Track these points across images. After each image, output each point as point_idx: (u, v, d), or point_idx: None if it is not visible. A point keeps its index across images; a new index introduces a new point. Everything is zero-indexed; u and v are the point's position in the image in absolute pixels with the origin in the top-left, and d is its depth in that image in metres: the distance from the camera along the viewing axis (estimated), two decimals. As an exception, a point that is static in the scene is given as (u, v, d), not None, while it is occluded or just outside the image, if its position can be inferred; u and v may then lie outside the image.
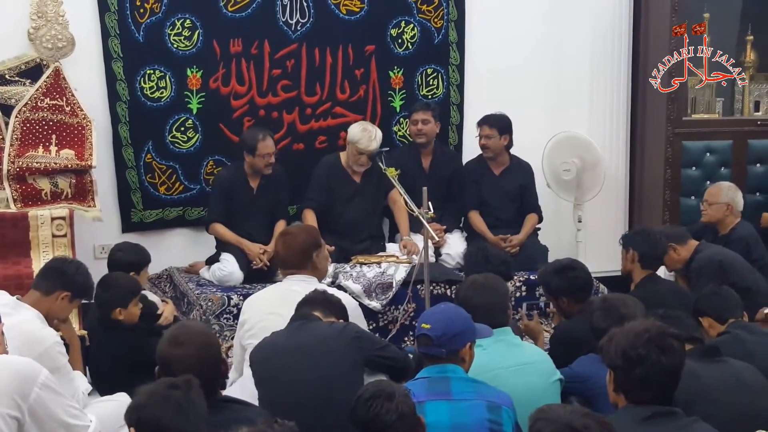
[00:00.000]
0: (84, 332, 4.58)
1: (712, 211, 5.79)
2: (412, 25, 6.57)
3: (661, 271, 5.24)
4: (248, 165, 5.80)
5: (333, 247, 5.60)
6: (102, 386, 4.17)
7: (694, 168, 6.83)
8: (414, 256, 5.73)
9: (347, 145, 5.97)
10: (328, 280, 5.38)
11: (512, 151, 6.33)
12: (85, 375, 4.22)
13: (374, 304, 5.49)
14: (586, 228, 6.76)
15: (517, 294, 5.79)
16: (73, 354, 4.12)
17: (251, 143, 5.73)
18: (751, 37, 6.75)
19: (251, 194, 5.87)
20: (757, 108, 7.13)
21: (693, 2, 6.65)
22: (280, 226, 5.86)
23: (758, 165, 6.92)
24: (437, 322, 3.23)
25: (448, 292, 5.59)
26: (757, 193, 6.82)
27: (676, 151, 6.76)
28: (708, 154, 6.83)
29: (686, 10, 6.60)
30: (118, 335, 4.27)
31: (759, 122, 6.97)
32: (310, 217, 5.90)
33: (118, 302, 4.27)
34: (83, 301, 4.38)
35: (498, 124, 6.17)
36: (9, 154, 5.26)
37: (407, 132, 6.52)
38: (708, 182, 6.57)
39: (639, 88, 7.04)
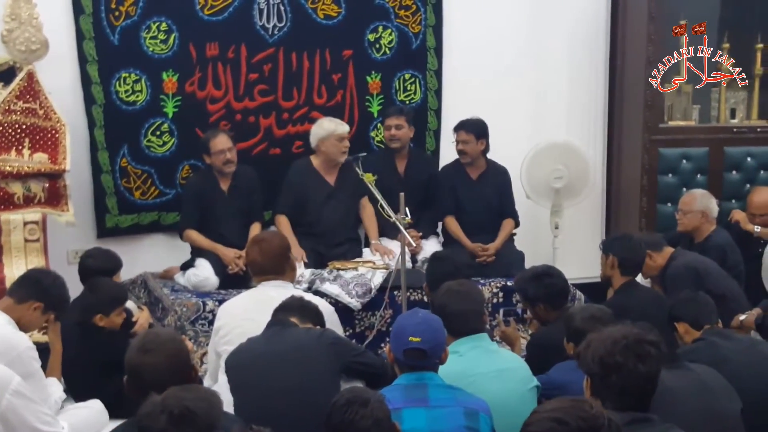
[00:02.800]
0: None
1: (688, 219, 5.80)
2: (389, 30, 6.56)
3: (638, 278, 5.24)
4: (213, 167, 5.80)
5: (303, 253, 5.64)
6: (76, 390, 4.14)
7: (670, 175, 6.84)
8: (389, 260, 5.72)
9: (322, 144, 5.92)
10: (305, 285, 5.38)
11: (489, 156, 6.32)
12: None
13: (353, 302, 5.45)
14: (563, 234, 6.77)
15: (494, 300, 5.77)
16: (54, 360, 4.10)
17: (204, 143, 5.76)
18: (728, 45, 6.77)
19: (223, 196, 5.84)
20: (733, 115, 7.15)
21: (670, 9, 6.68)
22: (255, 228, 5.86)
23: (734, 172, 6.94)
24: (425, 333, 3.21)
25: (425, 298, 5.57)
26: (733, 200, 6.83)
27: (653, 158, 6.77)
28: (684, 161, 6.85)
29: (663, 18, 6.62)
30: (94, 337, 4.25)
31: (735, 129, 6.99)
32: (284, 223, 5.88)
33: (102, 308, 4.27)
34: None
35: (474, 129, 6.15)
36: (-19, 158, 5.20)
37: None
38: (684, 189, 6.60)
39: (616, 95, 7.06)
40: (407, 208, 4.93)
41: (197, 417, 2.44)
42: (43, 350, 3.94)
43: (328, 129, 5.92)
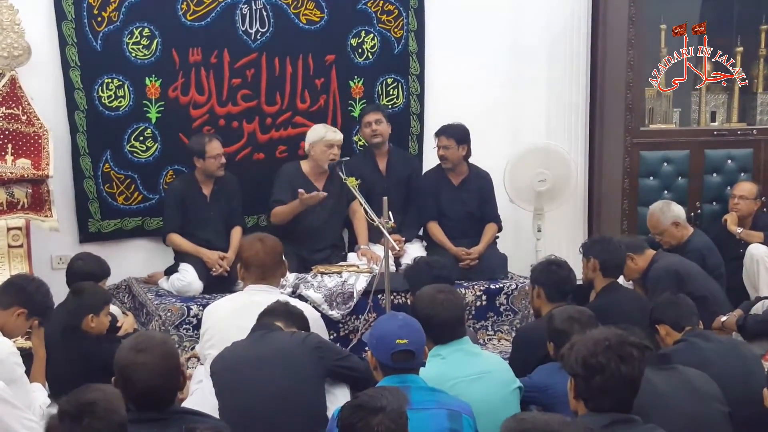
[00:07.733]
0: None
1: (667, 237, 5.80)
2: (372, 35, 6.57)
3: (620, 281, 5.26)
4: (200, 171, 5.81)
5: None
6: (61, 395, 4.11)
7: (651, 178, 6.89)
8: (374, 264, 5.74)
9: (312, 148, 5.94)
10: (289, 290, 5.38)
11: (471, 160, 6.32)
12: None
13: (334, 313, 5.48)
14: (545, 237, 6.79)
15: (478, 303, 5.80)
16: (37, 365, 4.09)
17: (198, 147, 5.75)
18: (709, 49, 6.82)
19: (205, 201, 5.86)
20: (713, 118, 7.21)
21: (650, 14, 6.72)
22: (237, 233, 5.88)
23: (714, 175, 6.99)
24: (410, 335, 3.22)
25: (409, 301, 5.58)
26: (714, 203, 6.90)
27: (634, 161, 6.82)
28: (665, 164, 6.90)
29: (643, 23, 6.67)
30: (82, 342, 4.25)
31: (715, 132, 7.05)
32: (280, 212, 5.90)
33: (91, 309, 4.28)
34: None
35: (456, 135, 6.14)
36: (-36, 164, 5.19)
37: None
38: (665, 192, 6.65)
39: (597, 98, 7.08)
40: (390, 213, 4.94)
41: (96, 405, 2.49)
42: (26, 356, 3.93)
43: (318, 134, 5.93)
